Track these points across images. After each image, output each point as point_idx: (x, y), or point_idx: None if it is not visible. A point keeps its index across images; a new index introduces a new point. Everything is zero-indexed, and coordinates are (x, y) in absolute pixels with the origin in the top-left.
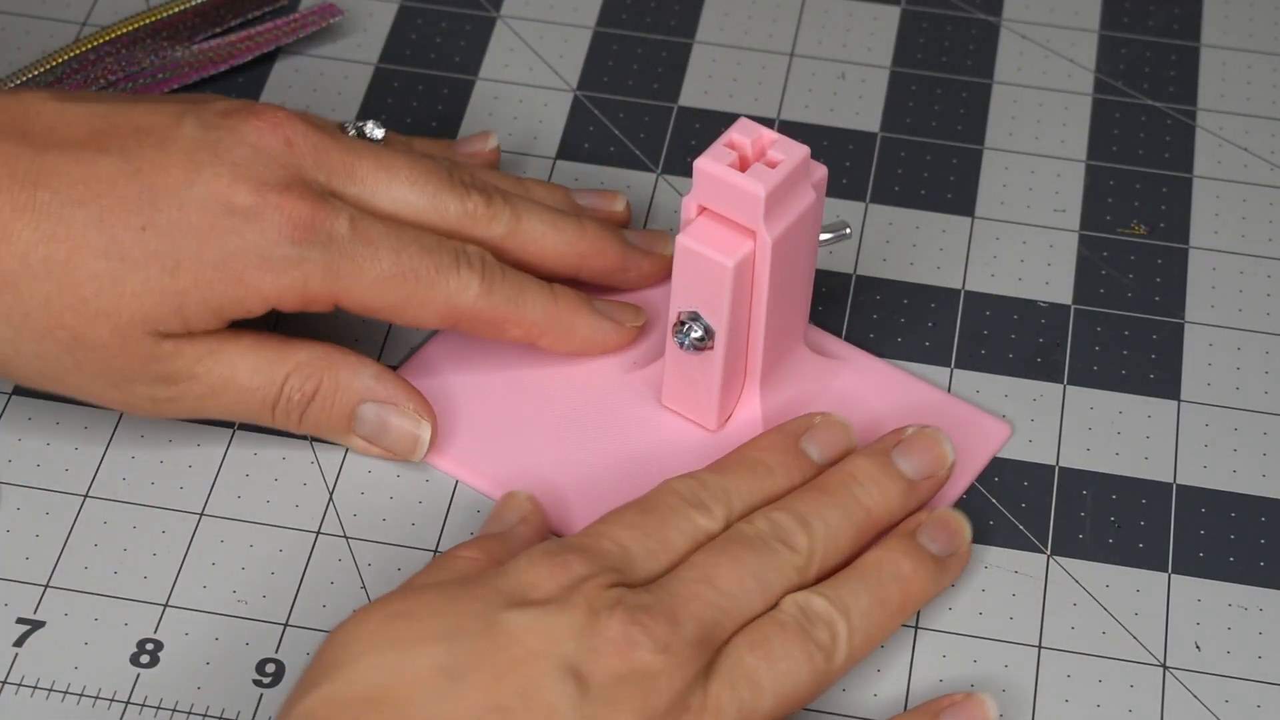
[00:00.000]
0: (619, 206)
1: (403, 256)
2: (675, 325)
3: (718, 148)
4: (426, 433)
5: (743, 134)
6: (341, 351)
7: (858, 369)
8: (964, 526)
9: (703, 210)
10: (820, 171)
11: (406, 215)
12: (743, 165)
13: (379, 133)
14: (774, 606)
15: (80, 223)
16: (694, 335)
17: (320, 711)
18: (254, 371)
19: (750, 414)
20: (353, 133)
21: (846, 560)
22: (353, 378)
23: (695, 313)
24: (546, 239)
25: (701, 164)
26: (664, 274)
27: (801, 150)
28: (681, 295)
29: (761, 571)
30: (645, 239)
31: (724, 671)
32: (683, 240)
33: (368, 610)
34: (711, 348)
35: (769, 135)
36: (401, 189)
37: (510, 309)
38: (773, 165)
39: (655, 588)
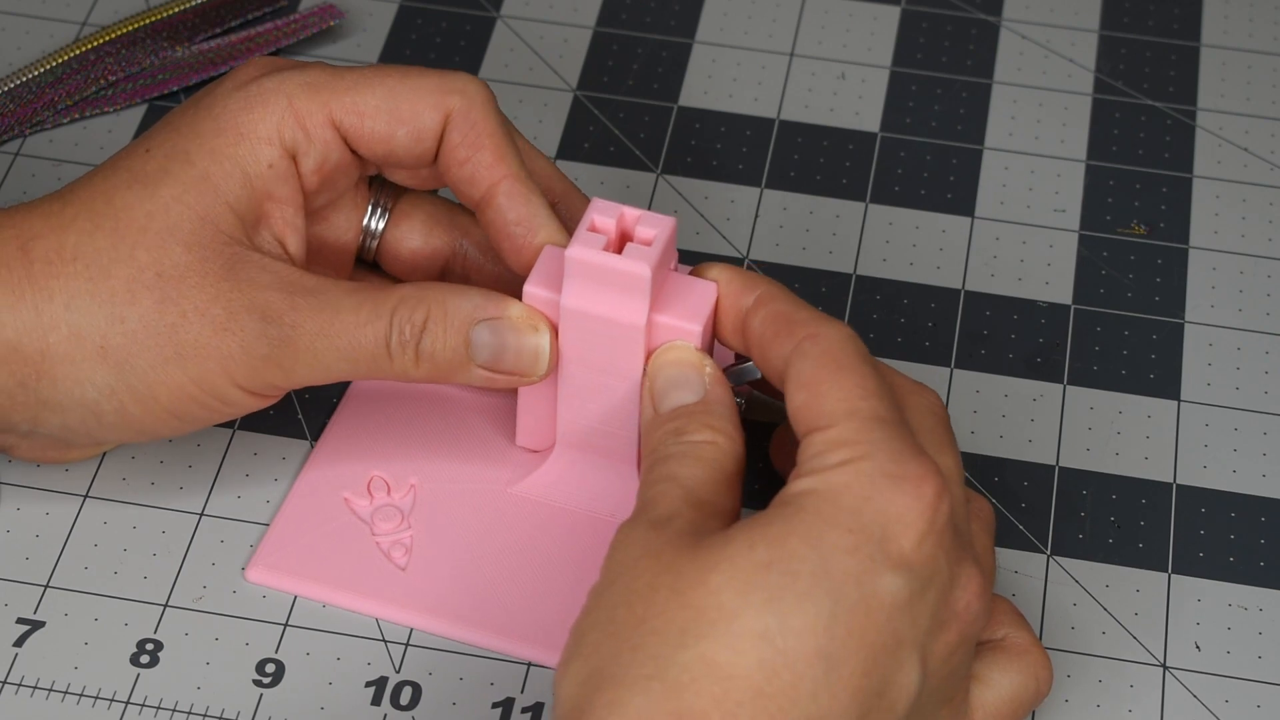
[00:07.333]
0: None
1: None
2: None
3: (583, 234)
4: (546, 340)
5: (605, 215)
6: (442, 283)
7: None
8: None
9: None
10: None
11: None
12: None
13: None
14: None
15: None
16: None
17: (703, 677)
18: (358, 308)
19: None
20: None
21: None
22: (460, 300)
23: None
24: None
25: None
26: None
27: (668, 222)
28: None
29: None
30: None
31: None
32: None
33: (730, 545)
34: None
35: (631, 212)
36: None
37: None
38: (647, 242)
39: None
